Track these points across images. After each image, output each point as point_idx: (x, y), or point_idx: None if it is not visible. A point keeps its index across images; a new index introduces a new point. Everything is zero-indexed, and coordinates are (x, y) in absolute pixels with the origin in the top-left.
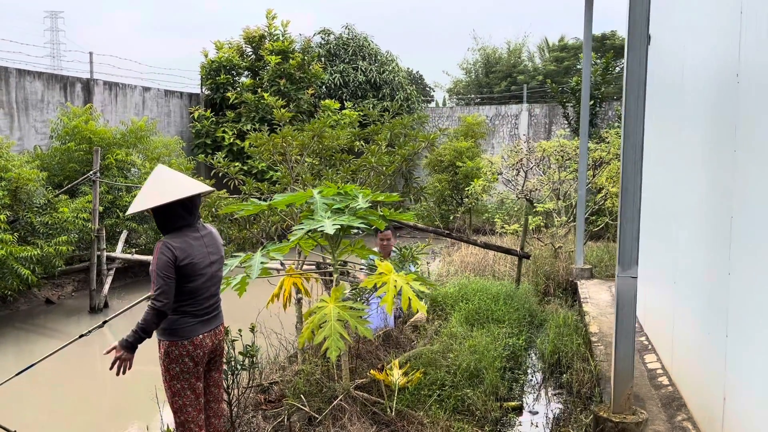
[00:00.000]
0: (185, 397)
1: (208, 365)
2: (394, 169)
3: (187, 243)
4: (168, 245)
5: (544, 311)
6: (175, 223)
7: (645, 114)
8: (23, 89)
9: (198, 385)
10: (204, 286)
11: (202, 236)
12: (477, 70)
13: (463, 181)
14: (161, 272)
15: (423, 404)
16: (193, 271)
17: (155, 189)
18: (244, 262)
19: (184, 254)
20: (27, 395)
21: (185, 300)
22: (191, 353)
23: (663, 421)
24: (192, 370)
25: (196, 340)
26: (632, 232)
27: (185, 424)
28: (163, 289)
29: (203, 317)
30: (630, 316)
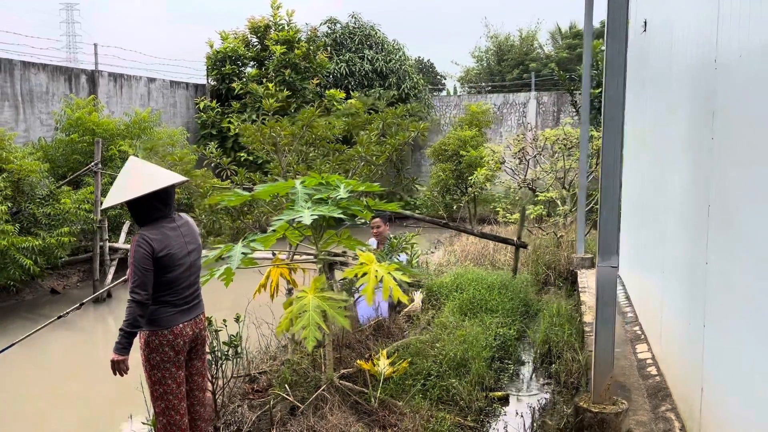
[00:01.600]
0: (165, 385)
1: (189, 354)
2: (384, 159)
3: (164, 234)
4: (145, 237)
5: (540, 301)
6: (151, 215)
7: (625, 101)
8: (28, 81)
9: (179, 373)
10: (183, 276)
11: (178, 226)
12: (489, 58)
13: (467, 171)
14: (139, 265)
15: (407, 394)
16: (171, 262)
17: (129, 182)
18: (225, 253)
19: (161, 246)
20: (30, 380)
21: (164, 290)
22: (171, 342)
23: (647, 411)
24: (172, 359)
25: (176, 330)
26: (611, 221)
27: (166, 412)
28: (141, 281)
29: (183, 307)
30: (610, 306)
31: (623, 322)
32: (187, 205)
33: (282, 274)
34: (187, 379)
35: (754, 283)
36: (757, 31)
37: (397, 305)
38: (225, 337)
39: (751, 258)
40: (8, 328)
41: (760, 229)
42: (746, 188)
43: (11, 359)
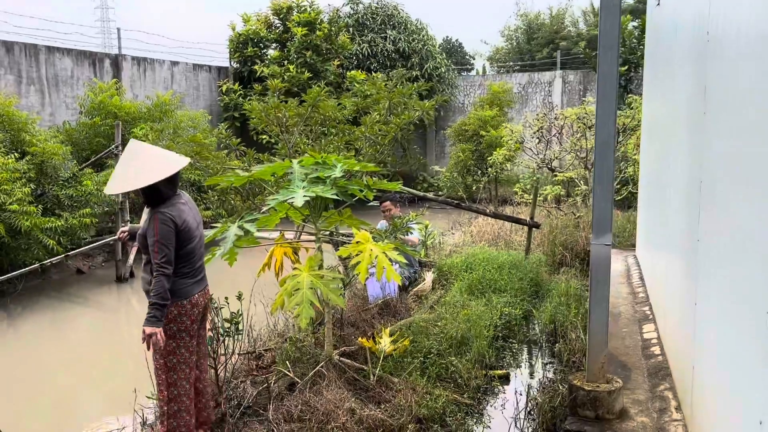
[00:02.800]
0: (179, 355)
1: (198, 324)
2: (390, 139)
3: (179, 210)
4: (167, 215)
5: (552, 281)
6: (163, 196)
7: (618, 75)
8: (53, 66)
9: (192, 342)
10: (196, 248)
11: (186, 201)
12: (518, 37)
13: (487, 151)
14: (165, 241)
15: (406, 371)
16: (189, 235)
17: (140, 167)
18: (220, 234)
19: (180, 220)
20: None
21: (183, 262)
22: (189, 312)
23: (645, 390)
24: (188, 328)
25: (192, 300)
26: (605, 198)
27: (179, 382)
28: (168, 257)
29: (196, 277)
30: (604, 285)
31: (634, 302)
32: (198, 186)
33: (285, 253)
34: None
35: (736, 259)
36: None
37: (409, 285)
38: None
39: (732, 234)
40: (35, 308)
41: (740, 204)
42: (728, 163)
43: (38, 335)
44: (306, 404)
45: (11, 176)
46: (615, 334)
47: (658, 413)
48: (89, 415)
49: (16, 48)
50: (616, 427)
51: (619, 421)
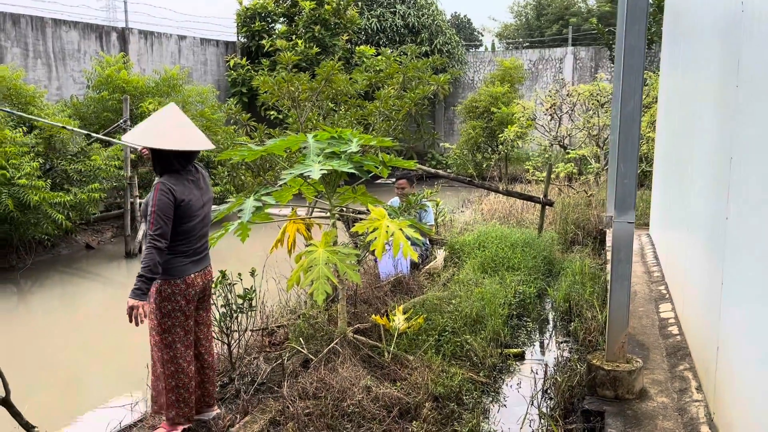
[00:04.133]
0: (175, 334)
1: (197, 304)
2: (403, 114)
3: (184, 185)
4: (168, 186)
5: (565, 260)
6: (172, 167)
7: (644, 45)
8: (59, 39)
9: (188, 322)
10: (197, 227)
11: (196, 178)
12: (527, 13)
13: (498, 128)
14: (161, 213)
15: (420, 349)
16: (189, 213)
17: (163, 129)
18: (236, 207)
19: (181, 195)
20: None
21: (179, 240)
22: (183, 291)
23: (664, 371)
24: (183, 308)
25: (188, 279)
26: (629, 175)
27: (175, 360)
28: (163, 230)
29: (194, 257)
30: (626, 263)
31: (650, 281)
32: (208, 161)
33: (298, 229)
34: (193, 329)
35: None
36: None
37: (420, 263)
38: (241, 290)
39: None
40: (45, 282)
41: None
42: (764, 138)
43: (48, 310)
44: (321, 381)
45: (19, 150)
46: (632, 313)
47: (678, 393)
48: (100, 389)
49: (22, 21)
50: (636, 407)
51: (639, 401)
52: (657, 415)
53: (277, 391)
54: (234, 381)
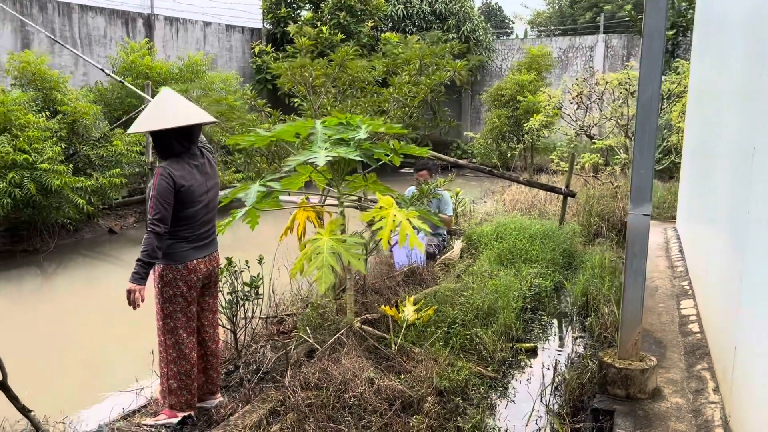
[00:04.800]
0: (177, 319)
1: (202, 291)
2: (419, 101)
3: (186, 170)
4: (168, 171)
5: (586, 252)
6: (173, 150)
7: (665, 27)
8: (86, 25)
9: (190, 308)
10: (200, 213)
11: (201, 164)
12: (561, 0)
13: (524, 117)
14: (161, 198)
15: (428, 341)
16: (190, 198)
17: (157, 113)
18: (240, 192)
19: (182, 181)
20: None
21: (181, 225)
22: (185, 277)
23: (681, 370)
24: (185, 293)
25: (190, 265)
26: (646, 164)
27: (176, 346)
28: (162, 215)
29: (198, 243)
30: (641, 257)
31: (673, 276)
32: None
33: (309, 217)
34: (198, 315)
35: None
36: None
37: (437, 253)
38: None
39: None
40: (69, 265)
41: None
42: None
43: (71, 293)
44: (323, 371)
45: (42, 135)
46: (651, 309)
47: (693, 394)
48: (114, 373)
49: (49, 6)
50: (648, 408)
51: (652, 401)
52: (670, 416)
53: (281, 381)
54: (239, 369)
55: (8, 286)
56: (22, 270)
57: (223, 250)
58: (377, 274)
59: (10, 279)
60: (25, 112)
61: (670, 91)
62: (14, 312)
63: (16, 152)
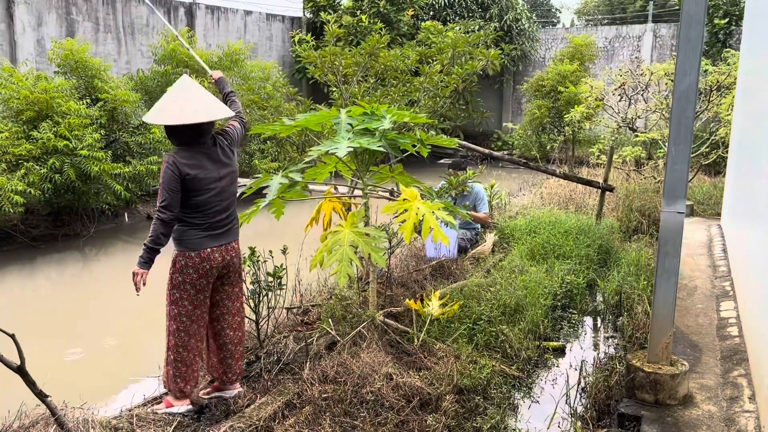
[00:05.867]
0: (181, 306)
1: (221, 280)
2: (451, 91)
3: (195, 158)
4: (174, 160)
5: (622, 249)
6: (185, 139)
7: (704, 14)
8: (129, 14)
9: (198, 297)
10: (212, 200)
11: (212, 151)
12: None
13: (565, 108)
14: (167, 185)
15: (451, 337)
16: (198, 186)
17: (171, 104)
18: (262, 183)
19: (188, 169)
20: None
21: (192, 213)
22: (197, 265)
23: (716, 375)
24: (194, 281)
25: (203, 253)
26: (681, 159)
27: (176, 333)
28: (168, 202)
29: (212, 231)
30: (673, 257)
31: (714, 276)
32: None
33: (335, 208)
34: (217, 303)
35: None
36: None
37: (469, 246)
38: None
39: None
40: (109, 251)
41: None
42: None
43: (111, 277)
44: (342, 365)
45: (82, 122)
46: (689, 310)
47: (727, 402)
48: (148, 359)
49: None
50: (677, 415)
51: (682, 408)
52: (700, 424)
53: (299, 373)
54: (260, 359)
55: (49, 269)
56: (64, 254)
57: (259, 238)
58: (405, 266)
59: (51, 262)
60: (66, 99)
61: (719, 82)
62: (55, 294)
63: (57, 138)
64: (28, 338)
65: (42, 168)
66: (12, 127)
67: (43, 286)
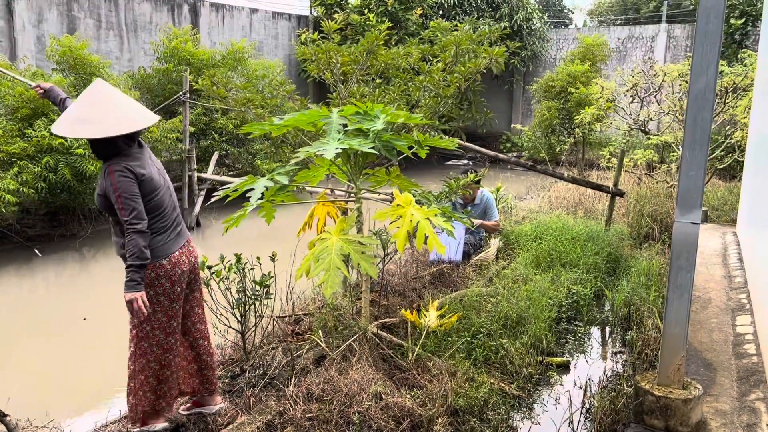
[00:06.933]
0: (155, 320)
1: (189, 286)
2: (453, 90)
3: (137, 159)
4: (123, 165)
5: (633, 257)
6: (118, 149)
7: (724, 7)
8: (132, 11)
9: (173, 307)
10: (165, 199)
11: (141, 151)
12: None
13: (575, 110)
14: (127, 194)
15: (448, 351)
16: (153, 186)
17: (99, 113)
18: (247, 185)
19: (140, 169)
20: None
21: (154, 217)
22: (169, 273)
23: (731, 399)
24: (167, 291)
25: (173, 258)
26: (696, 165)
27: (150, 350)
28: (138, 211)
29: (174, 230)
30: (687, 272)
31: (729, 287)
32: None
33: (329, 212)
34: (188, 313)
35: None
36: None
37: (473, 252)
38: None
39: None
40: (107, 251)
41: None
42: None
43: (108, 279)
44: (329, 382)
45: None
46: (702, 324)
47: (744, 429)
48: None
49: None
50: None
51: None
52: None
53: (285, 389)
54: (246, 373)
55: (45, 270)
56: (63, 254)
57: (248, 243)
58: (404, 273)
59: (48, 262)
60: None
61: (736, 84)
62: (50, 296)
63: (51, 137)
64: (20, 341)
65: (36, 166)
66: (6, 125)
67: (40, 286)
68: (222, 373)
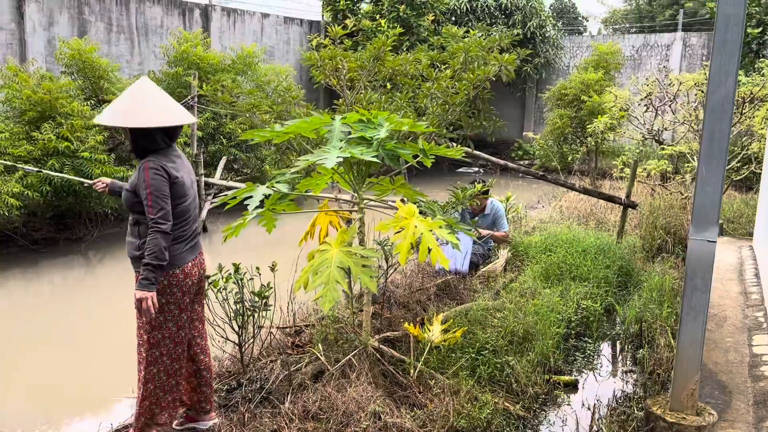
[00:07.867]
0: (166, 329)
1: (193, 298)
2: (461, 98)
3: (173, 162)
4: (159, 164)
5: (645, 271)
6: (156, 145)
7: (744, 15)
8: (143, 15)
9: (182, 317)
10: (191, 207)
11: (180, 155)
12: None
13: (588, 118)
14: (158, 193)
15: (451, 367)
16: (183, 191)
17: (140, 106)
18: (245, 193)
19: (175, 172)
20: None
21: (177, 223)
22: (180, 282)
23: (748, 425)
24: (178, 300)
25: (186, 268)
26: (714, 178)
27: (160, 359)
28: (166, 211)
29: (192, 241)
30: (703, 292)
31: (745, 305)
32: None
33: (332, 222)
34: (189, 326)
35: None
36: None
37: (480, 263)
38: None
39: None
40: (114, 255)
41: None
42: None
43: (113, 282)
44: (326, 399)
45: (86, 123)
46: (717, 344)
47: None
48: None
49: None
50: None
51: None
52: None
53: (281, 406)
54: (242, 387)
55: (51, 274)
56: (68, 258)
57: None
58: (409, 284)
59: (54, 266)
60: (70, 100)
61: (753, 94)
62: (56, 300)
63: (58, 140)
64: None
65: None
66: (13, 128)
67: (46, 290)
68: (218, 386)
